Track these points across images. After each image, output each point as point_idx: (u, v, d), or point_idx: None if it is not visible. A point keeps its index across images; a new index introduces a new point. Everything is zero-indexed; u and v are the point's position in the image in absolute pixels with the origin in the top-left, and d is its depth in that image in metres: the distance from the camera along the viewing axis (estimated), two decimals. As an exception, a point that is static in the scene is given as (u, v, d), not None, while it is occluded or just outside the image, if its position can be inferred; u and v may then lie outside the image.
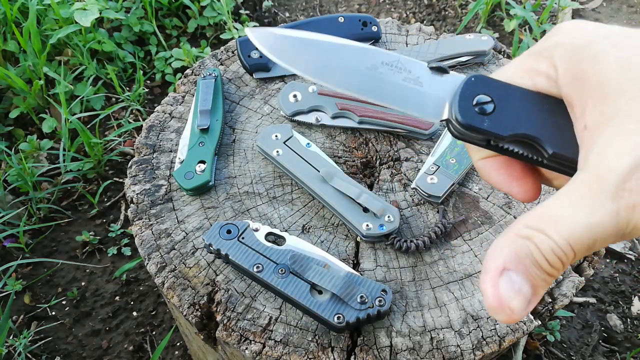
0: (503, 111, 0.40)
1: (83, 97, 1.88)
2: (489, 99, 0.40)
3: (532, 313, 0.76)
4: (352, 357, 0.71)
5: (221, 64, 1.09)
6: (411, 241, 0.80)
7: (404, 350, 0.71)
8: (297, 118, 0.96)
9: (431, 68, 0.44)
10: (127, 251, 1.63)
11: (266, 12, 2.47)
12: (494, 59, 1.10)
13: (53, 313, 1.51)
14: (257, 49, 1.03)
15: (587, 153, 0.35)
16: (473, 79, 0.41)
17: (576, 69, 0.36)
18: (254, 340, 0.71)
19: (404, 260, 0.80)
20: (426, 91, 0.43)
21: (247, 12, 2.37)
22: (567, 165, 0.39)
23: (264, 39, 0.46)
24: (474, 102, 0.40)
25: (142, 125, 1.00)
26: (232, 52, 1.11)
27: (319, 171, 0.85)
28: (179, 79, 1.11)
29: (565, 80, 0.37)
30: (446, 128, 0.43)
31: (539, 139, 0.39)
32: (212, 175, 0.87)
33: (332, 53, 0.45)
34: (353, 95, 0.45)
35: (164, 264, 0.79)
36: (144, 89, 1.98)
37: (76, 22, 1.78)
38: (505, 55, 1.12)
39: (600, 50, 0.35)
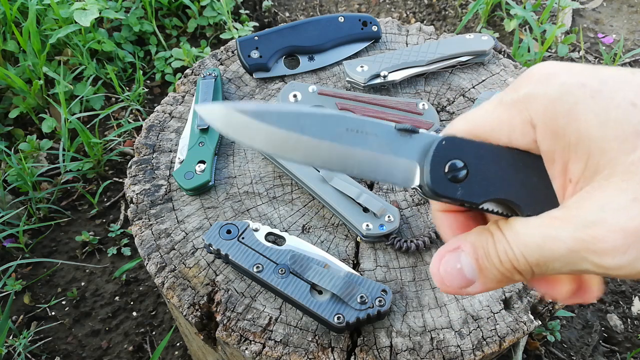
0: (477, 176, 0.38)
1: (83, 97, 1.88)
2: (461, 164, 0.38)
3: (532, 313, 0.76)
4: (352, 357, 0.71)
5: (221, 64, 1.08)
6: (411, 241, 0.80)
7: (404, 351, 0.71)
8: (297, 118, 0.96)
9: (399, 130, 0.41)
10: (127, 251, 1.63)
11: (266, 12, 2.47)
12: (494, 59, 1.10)
13: (53, 313, 1.51)
14: (257, 48, 1.03)
15: (568, 200, 0.35)
16: (444, 142, 0.39)
17: (554, 125, 0.35)
18: (254, 341, 0.71)
19: (404, 260, 0.80)
20: (395, 157, 0.40)
21: (247, 12, 2.36)
22: None
23: (214, 115, 0.40)
24: (446, 169, 0.38)
25: (142, 125, 0.99)
26: (232, 52, 1.11)
27: (319, 171, 0.85)
28: (179, 79, 1.11)
29: (545, 136, 0.36)
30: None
31: (515, 202, 0.38)
32: (212, 175, 0.87)
33: (292, 125, 0.40)
34: (319, 168, 0.43)
35: (163, 264, 0.79)
36: (143, 89, 1.98)
37: (76, 22, 1.78)
38: (506, 55, 1.12)
39: (577, 102, 0.34)
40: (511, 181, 0.38)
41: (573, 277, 0.40)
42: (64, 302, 1.53)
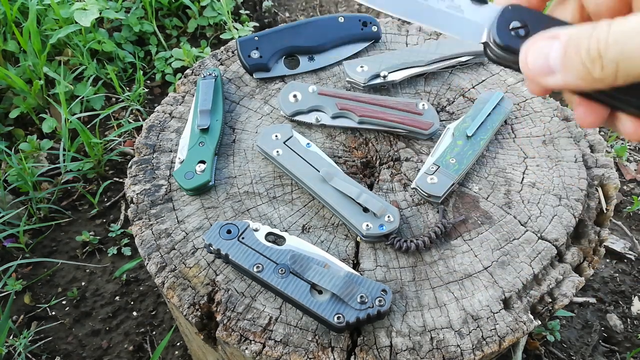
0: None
1: (83, 97, 1.88)
2: (523, 24, 0.45)
3: (532, 313, 0.76)
4: (352, 357, 0.71)
5: (221, 64, 1.09)
6: (411, 241, 0.80)
7: (404, 350, 0.71)
8: (297, 118, 0.96)
9: (473, 1, 0.50)
10: (127, 251, 1.63)
11: (266, 12, 2.47)
12: (494, 59, 1.10)
13: (53, 313, 1.51)
14: (257, 48, 1.03)
15: None
16: (510, 7, 0.47)
17: None
18: (254, 340, 0.71)
19: (404, 260, 0.80)
20: (467, 17, 0.49)
21: (247, 12, 2.37)
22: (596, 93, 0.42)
23: None
24: (511, 27, 0.46)
25: (142, 125, 1.00)
26: (232, 52, 1.11)
27: (319, 171, 0.85)
28: (179, 79, 1.11)
29: None
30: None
31: None
32: (212, 175, 0.87)
33: None
34: (404, 18, 0.51)
35: (164, 264, 0.79)
36: (144, 89, 1.98)
37: (76, 22, 1.78)
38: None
39: None
40: None
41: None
42: (64, 302, 1.53)
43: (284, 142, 0.89)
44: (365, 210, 0.81)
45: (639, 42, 0.34)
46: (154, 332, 1.49)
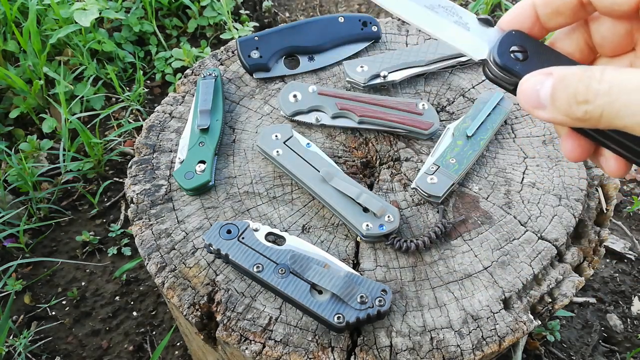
0: (533, 61, 0.47)
1: (83, 97, 1.88)
2: (523, 49, 0.48)
3: (532, 313, 0.76)
4: (352, 357, 0.71)
5: (221, 64, 1.09)
6: (411, 241, 0.80)
7: (404, 350, 0.71)
8: (297, 118, 0.96)
9: (479, 19, 0.53)
10: (127, 251, 1.63)
11: (266, 12, 2.47)
12: (494, 59, 1.10)
13: (53, 313, 1.51)
14: (257, 48, 1.03)
15: None
16: (513, 32, 0.49)
17: None
18: (254, 340, 0.71)
19: (404, 260, 0.80)
20: (472, 34, 0.52)
21: (247, 12, 2.37)
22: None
23: None
24: (511, 49, 0.48)
25: (142, 125, 1.00)
26: (232, 52, 1.11)
27: (319, 171, 0.85)
28: (179, 79, 1.11)
29: None
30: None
31: None
32: (212, 175, 0.87)
33: None
34: (413, 24, 0.53)
35: (164, 264, 0.80)
36: (144, 89, 1.98)
37: (76, 22, 1.78)
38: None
39: None
40: None
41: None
42: (64, 302, 1.53)
43: (284, 142, 0.89)
44: (365, 210, 0.81)
45: (628, 99, 0.35)
46: (154, 332, 1.49)
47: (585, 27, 0.47)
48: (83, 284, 1.57)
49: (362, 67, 1.00)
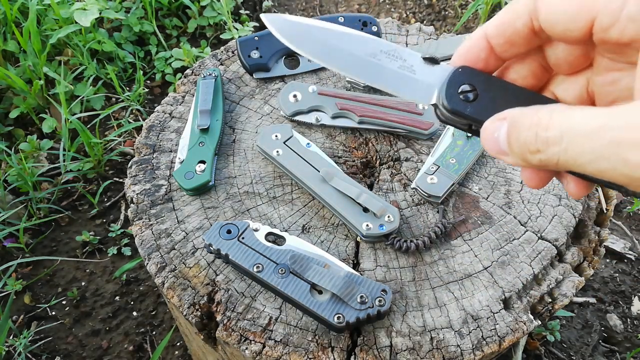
0: (484, 100, 0.45)
1: (83, 97, 1.88)
2: (472, 88, 0.45)
3: (532, 313, 0.76)
4: (352, 357, 0.71)
5: (221, 64, 1.09)
6: (411, 241, 0.80)
7: (404, 350, 0.71)
8: (297, 118, 0.96)
9: (424, 59, 0.49)
10: (127, 251, 1.63)
11: (266, 12, 2.47)
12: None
13: (53, 313, 1.51)
14: (257, 48, 1.03)
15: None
16: (460, 69, 0.46)
17: None
18: (254, 340, 0.71)
19: (404, 260, 0.80)
20: (418, 78, 0.49)
21: (247, 12, 2.37)
22: None
23: (277, 24, 0.51)
24: (459, 90, 0.46)
25: (142, 125, 1.00)
26: (232, 52, 1.11)
27: (319, 171, 0.85)
28: (179, 79, 1.11)
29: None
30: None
31: None
32: (212, 175, 0.87)
33: (337, 40, 0.50)
34: (354, 79, 0.49)
35: (164, 264, 0.79)
36: (144, 89, 1.98)
37: (76, 22, 1.78)
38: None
39: None
40: (514, 107, 0.43)
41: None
42: (64, 302, 1.53)
43: (284, 142, 0.89)
44: (365, 210, 0.81)
45: (581, 148, 0.33)
46: (154, 332, 1.49)
47: (538, 50, 0.45)
48: (83, 284, 1.57)
49: (362, 67, 1.00)
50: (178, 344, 1.47)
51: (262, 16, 0.53)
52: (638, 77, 0.35)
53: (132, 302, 1.54)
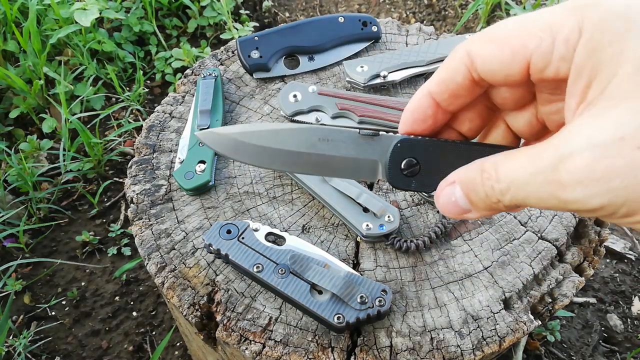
0: (428, 170, 0.46)
1: (83, 97, 1.88)
2: (415, 161, 0.46)
3: (532, 313, 0.76)
4: (352, 357, 0.71)
5: (221, 64, 1.09)
6: (411, 241, 0.80)
7: (404, 351, 0.71)
8: (297, 118, 0.96)
9: (363, 135, 0.48)
10: (127, 251, 1.63)
11: (266, 12, 2.47)
12: (494, 59, 1.09)
13: (53, 313, 1.51)
14: (257, 48, 1.03)
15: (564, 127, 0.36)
16: (399, 144, 0.46)
17: (600, 38, 0.34)
18: (254, 341, 0.71)
19: (404, 260, 0.80)
20: (361, 158, 0.48)
21: (247, 12, 2.37)
22: None
23: (209, 139, 0.50)
24: (402, 167, 0.46)
25: (142, 125, 1.00)
26: (232, 52, 1.11)
27: (319, 171, 0.85)
28: (179, 79, 1.11)
29: (586, 47, 0.35)
30: None
31: None
32: (212, 175, 0.87)
33: (272, 141, 0.49)
34: (296, 173, 0.50)
35: (164, 264, 0.79)
36: (144, 89, 1.98)
37: (76, 22, 1.78)
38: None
39: (632, 27, 0.33)
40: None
41: None
42: (64, 302, 1.53)
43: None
44: (365, 210, 0.81)
45: (526, 193, 0.36)
46: (154, 332, 1.49)
47: (483, 94, 0.45)
48: (83, 284, 1.57)
49: (362, 67, 1.00)
50: (178, 344, 1.47)
51: (196, 134, 0.52)
52: (567, 108, 0.37)
53: (132, 302, 1.54)
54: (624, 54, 0.33)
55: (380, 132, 0.49)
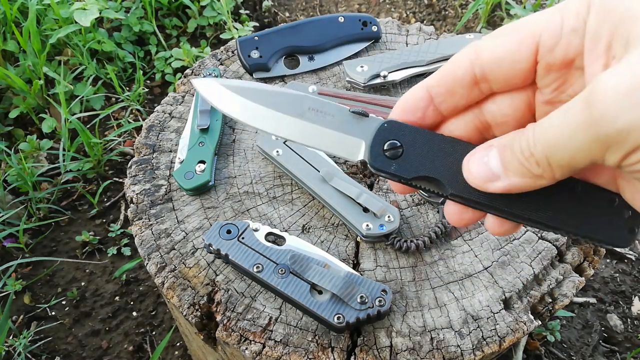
0: (410, 156, 0.45)
1: (83, 97, 1.88)
2: (398, 144, 0.45)
3: (532, 313, 0.76)
4: (352, 357, 0.71)
5: (221, 64, 1.08)
6: (411, 241, 0.80)
7: (404, 351, 0.71)
8: (297, 118, 0.96)
9: (353, 112, 0.48)
10: (127, 251, 1.63)
11: (266, 12, 2.47)
12: (494, 59, 1.09)
13: (53, 313, 1.51)
14: (257, 48, 1.03)
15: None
16: (386, 125, 0.46)
17: (611, 3, 0.35)
18: (254, 341, 0.71)
19: (404, 260, 0.80)
20: (347, 134, 0.48)
21: (247, 12, 2.36)
22: (469, 204, 0.44)
23: (208, 89, 0.51)
24: (385, 147, 0.45)
25: (142, 125, 0.99)
26: (232, 52, 1.11)
27: (319, 171, 0.85)
28: (179, 79, 1.11)
29: (598, 14, 0.36)
30: None
31: (440, 181, 0.44)
32: (212, 175, 0.87)
33: (264, 101, 0.49)
34: (285, 138, 0.49)
35: (163, 264, 0.79)
36: (143, 89, 1.98)
37: (76, 22, 1.78)
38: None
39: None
40: (440, 162, 0.44)
41: None
42: (64, 302, 1.53)
43: (284, 142, 0.89)
44: (365, 210, 0.81)
45: (556, 133, 0.35)
46: (154, 332, 1.49)
47: (476, 107, 0.45)
48: (83, 284, 1.57)
49: (362, 67, 1.00)
50: (178, 344, 1.47)
51: (193, 81, 0.53)
52: (589, 77, 0.37)
53: (131, 302, 1.54)
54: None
55: (371, 115, 0.48)
